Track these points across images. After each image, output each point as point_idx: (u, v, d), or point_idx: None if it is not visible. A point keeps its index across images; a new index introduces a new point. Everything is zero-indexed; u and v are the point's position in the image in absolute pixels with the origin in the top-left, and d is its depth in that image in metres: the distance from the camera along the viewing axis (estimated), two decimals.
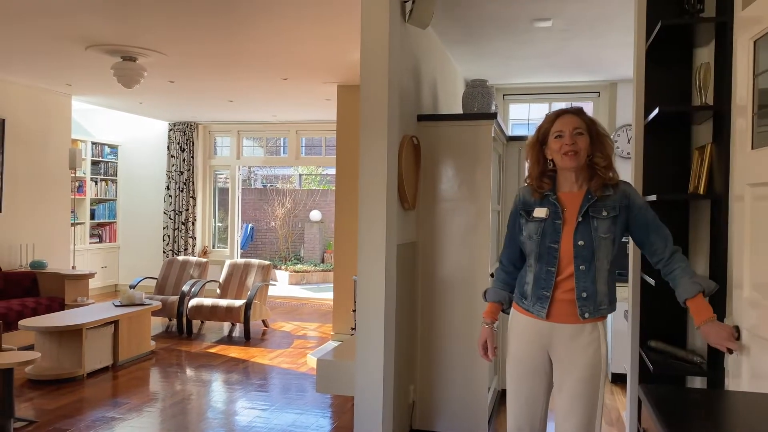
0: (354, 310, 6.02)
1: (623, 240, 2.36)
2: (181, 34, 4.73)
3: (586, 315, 2.23)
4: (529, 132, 6.54)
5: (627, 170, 5.77)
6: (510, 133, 5.44)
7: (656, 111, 2.64)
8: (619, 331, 5.13)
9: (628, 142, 5.82)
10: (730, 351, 2.15)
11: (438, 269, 3.84)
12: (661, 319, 2.94)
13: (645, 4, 2.86)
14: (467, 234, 3.80)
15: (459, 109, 5.48)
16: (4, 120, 6.60)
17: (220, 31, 4.62)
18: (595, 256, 2.22)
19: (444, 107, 4.75)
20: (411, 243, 3.74)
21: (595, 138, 2.27)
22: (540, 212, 2.30)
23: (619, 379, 5.20)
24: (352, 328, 6.00)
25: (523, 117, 6.52)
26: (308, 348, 6.34)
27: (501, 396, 4.73)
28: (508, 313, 2.48)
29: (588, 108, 6.21)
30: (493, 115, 3.77)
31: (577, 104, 6.36)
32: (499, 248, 4.49)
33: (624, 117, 5.89)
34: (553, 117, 2.31)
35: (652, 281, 2.64)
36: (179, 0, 3.94)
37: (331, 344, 6.30)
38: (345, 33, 4.58)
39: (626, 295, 3.23)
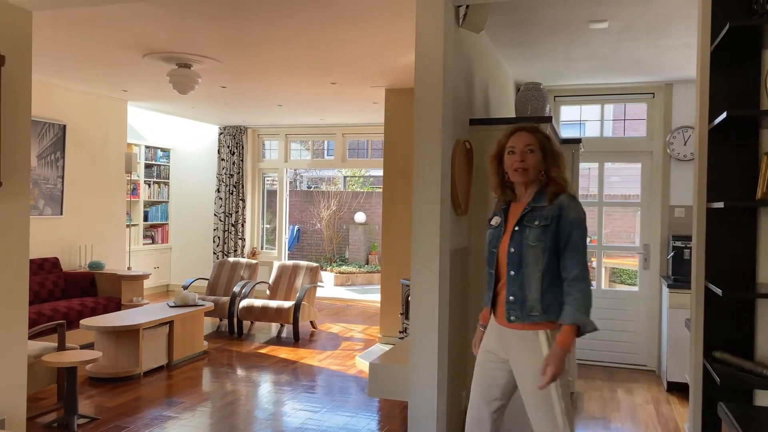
0: (402, 313, 6.03)
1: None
2: (235, 41, 4.82)
3: (512, 318, 2.38)
4: (581, 134, 6.42)
5: (684, 173, 5.65)
6: (560, 135, 5.35)
7: (723, 115, 2.55)
8: (679, 339, 4.99)
9: (685, 144, 5.65)
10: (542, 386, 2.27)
11: None
12: (725, 329, 2.84)
13: (710, 4, 2.77)
14: None
15: (510, 113, 5.43)
16: (65, 126, 6.86)
17: (272, 38, 4.69)
18: (523, 262, 2.35)
19: (495, 111, 4.71)
20: (463, 248, 3.72)
21: (548, 155, 2.40)
22: (494, 221, 2.52)
23: (676, 388, 5.05)
24: (401, 332, 6.00)
25: (575, 119, 6.41)
26: (356, 350, 6.38)
27: None
28: None
29: (641, 109, 6.06)
30: (548, 119, 3.72)
31: (630, 105, 6.23)
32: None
33: (680, 119, 5.72)
34: (509, 133, 2.48)
35: (718, 291, 2.55)
36: (234, 8, 4.02)
37: (379, 347, 6.32)
38: (395, 37, 4.60)
39: (687, 302, 3.13)
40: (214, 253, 9.90)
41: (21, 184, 3.46)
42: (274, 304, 6.92)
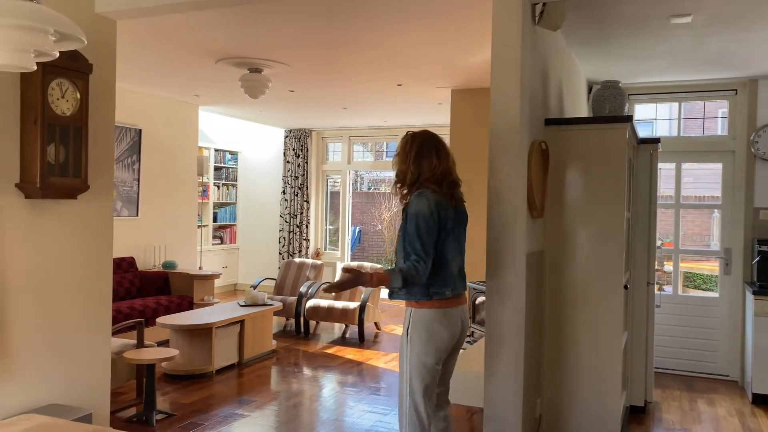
0: (470, 317, 5.96)
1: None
2: (305, 45, 4.88)
3: (391, 294, 2.77)
4: (655, 133, 6.18)
5: None
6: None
7: None
8: (765, 349, 4.73)
9: None
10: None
11: (566, 279, 3.70)
12: None
13: None
14: (597, 243, 3.64)
15: (581, 112, 5.28)
16: (140, 130, 7.12)
17: (341, 41, 4.73)
18: (396, 249, 2.79)
19: (569, 110, 4.59)
20: (538, 252, 3.63)
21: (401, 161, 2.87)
22: None
23: (763, 401, 4.79)
24: (469, 336, 5.93)
25: (650, 117, 6.17)
26: None
27: (631, 411, 4.49)
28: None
29: (722, 106, 5.78)
30: (628, 118, 3.58)
31: (710, 103, 5.95)
32: (630, 258, 4.28)
33: (766, 116, 5.42)
34: None
35: None
36: (304, 13, 4.07)
37: None
38: (464, 37, 4.55)
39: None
40: (280, 254, 10.08)
41: (105, 187, 3.59)
42: (339, 304, 6.97)
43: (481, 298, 5.81)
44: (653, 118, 6.22)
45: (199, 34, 4.66)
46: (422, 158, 2.82)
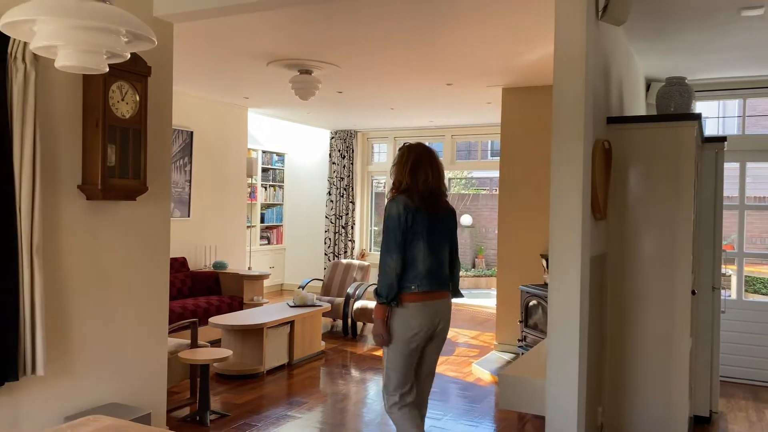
0: (521, 321, 5.83)
1: None
2: (355, 45, 4.85)
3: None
4: (721, 131, 5.93)
5: None
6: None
7: None
8: None
9: None
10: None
11: (629, 284, 3.56)
12: None
13: None
14: (662, 246, 3.49)
15: (641, 110, 5.11)
16: (192, 132, 7.22)
17: (393, 41, 4.68)
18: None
19: (628, 108, 4.43)
20: (600, 255, 3.50)
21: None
22: None
23: None
24: (520, 340, 5.81)
25: (712, 115, 5.93)
26: (471, 357, 6.24)
27: (696, 421, 4.31)
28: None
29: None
30: (697, 116, 3.43)
31: (758, 100, 5.66)
32: (696, 262, 4.10)
33: None
34: None
35: None
36: (354, 14, 4.03)
37: (495, 355, 6.16)
38: (517, 35, 4.44)
39: None
40: (325, 254, 10.10)
41: (163, 189, 3.63)
42: None
43: (533, 302, 5.68)
44: (717, 116, 5.97)
45: (252, 36, 4.68)
46: (418, 170, 3.13)
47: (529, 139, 6.21)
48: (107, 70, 1.56)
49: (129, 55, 1.59)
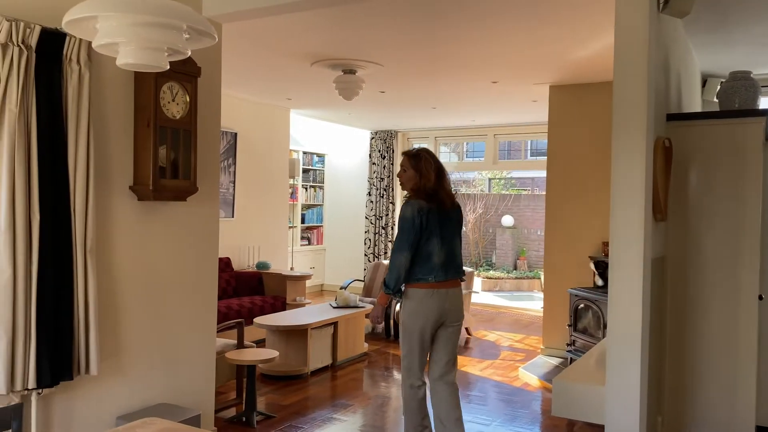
0: (570, 325, 5.68)
1: None
2: (400, 45, 4.79)
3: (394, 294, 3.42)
4: None
5: None
6: None
7: None
8: None
9: None
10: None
11: (691, 288, 3.40)
12: None
13: None
14: (726, 248, 3.33)
15: (697, 106, 4.91)
16: (236, 134, 7.27)
17: (439, 39, 4.60)
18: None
19: (686, 104, 4.25)
20: (660, 258, 3.36)
21: (414, 171, 3.40)
22: None
23: None
24: (568, 344, 5.65)
25: None
26: (517, 361, 6.11)
27: None
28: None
29: None
30: (764, 112, 3.25)
31: None
32: (764, 265, 3.92)
33: None
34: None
35: None
36: (398, 10, 3.96)
37: (543, 359, 6.01)
38: (569, 30, 4.31)
39: None
40: (365, 255, 10.07)
41: (212, 189, 3.63)
42: None
43: (582, 305, 5.53)
44: None
45: (297, 37, 4.66)
46: (442, 173, 3.45)
47: (578, 138, 6.05)
48: (167, 67, 1.52)
49: (189, 53, 1.55)
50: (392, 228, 9.97)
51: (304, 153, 9.98)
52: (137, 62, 1.46)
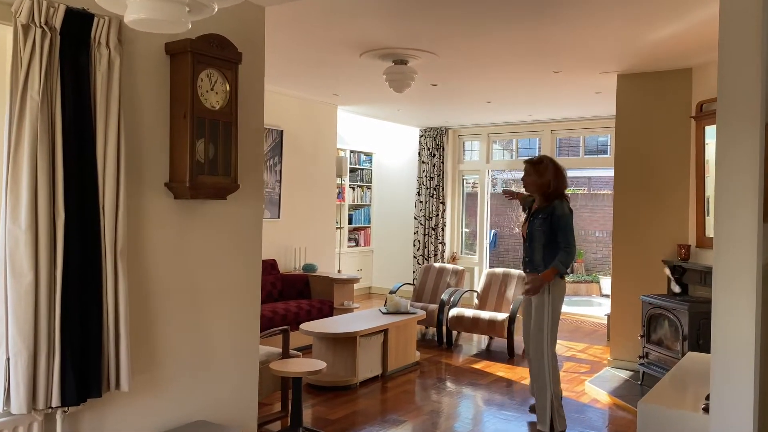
0: (642, 336, 5.18)
1: None
2: (456, 31, 4.42)
3: (527, 270, 4.27)
4: None
5: None
6: None
7: None
8: None
9: None
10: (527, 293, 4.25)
11: None
12: None
13: None
14: None
15: None
16: (282, 131, 7.02)
17: (494, 22, 4.21)
18: (533, 238, 4.18)
19: None
20: (764, 264, 2.88)
21: (542, 177, 4.19)
22: (524, 213, 4.53)
23: None
24: (641, 357, 5.16)
25: None
26: (582, 374, 5.64)
27: None
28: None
29: None
30: None
31: None
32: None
33: None
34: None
35: None
36: None
37: (610, 372, 5.53)
38: (641, 8, 3.85)
39: None
40: (414, 257, 9.71)
41: (255, 187, 3.34)
42: (485, 315, 6.43)
43: (656, 314, 5.03)
44: None
45: (345, 24, 4.35)
46: (561, 176, 4.23)
47: (649, 132, 5.55)
48: (189, 26, 1.20)
49: (216, 7, 1.22)
50: (442, 229, 9.57)
51: (352, 152, 9.69)
52: (149, 17, 1.14)
